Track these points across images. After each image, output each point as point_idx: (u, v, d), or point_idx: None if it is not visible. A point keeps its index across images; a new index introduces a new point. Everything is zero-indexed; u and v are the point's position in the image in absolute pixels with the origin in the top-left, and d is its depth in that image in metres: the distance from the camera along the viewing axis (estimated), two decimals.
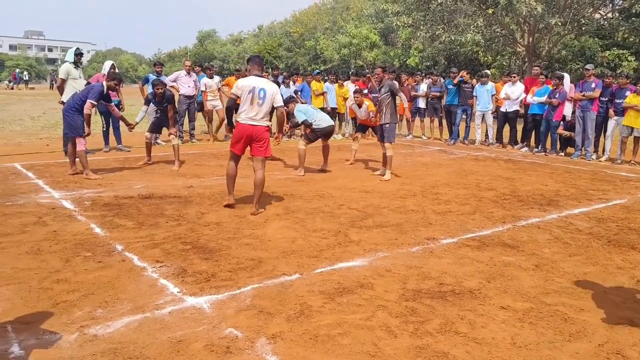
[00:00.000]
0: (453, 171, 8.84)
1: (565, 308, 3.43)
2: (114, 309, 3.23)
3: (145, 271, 3.87)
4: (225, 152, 10.42)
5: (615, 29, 21.51)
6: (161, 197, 6.23)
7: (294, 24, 48.78)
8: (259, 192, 5.78)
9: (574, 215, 5.96)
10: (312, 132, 8.26)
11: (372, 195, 6.74)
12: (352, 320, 3.17)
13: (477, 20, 20.17)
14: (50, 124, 14.84)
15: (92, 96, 7.40)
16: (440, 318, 3.22)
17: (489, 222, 5.56)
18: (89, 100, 7.36)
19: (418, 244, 4.74)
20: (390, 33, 37.76)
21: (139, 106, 12.80)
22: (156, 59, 61.54)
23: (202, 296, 3.44)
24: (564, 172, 9.04)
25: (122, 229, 4.92)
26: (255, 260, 4.18)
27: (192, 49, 67.64)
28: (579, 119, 10.62)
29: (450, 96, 12.96)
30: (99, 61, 74.29)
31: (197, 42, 67.79)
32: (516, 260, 4.34)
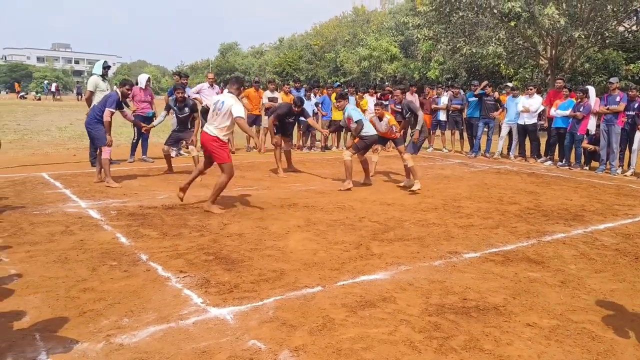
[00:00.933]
0: (475, 184, 8.77)
1: (593, 326, 3.36)
2: (139, 318, 3.27)
3: (170, 281, 3.91)
4: (247, 163, 10.52)
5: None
6: (184, 208, 6.31)
7: (315, 37, 49.16)
8: (212, 192, 6.25)
9: (599, 231, 5.86)
10: (361, 140, 8.17)
11: (393, 208, 6.72)
12: (375, 334, 3.15)
13: (499, 33, 20.10)
14: (77, 134, 15.15)
15: (110, 104, 7.67)
16: (465, 334, 3.18)
17: (513, 237, 5.50)
18: (107, 108, 7.63)
19: (440, 258, 4.70)
20: (410, 45, 37.79)
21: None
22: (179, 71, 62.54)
23: (225, 307, 3.46)
24: (589, 186, 8.91)
25: (147, 239, 4.98)
26: (277, 271, 4.20)
27: (214, 61, 68.55)
28: (604, 133, 10.47)
29: (472, 109, 12.89)
30: (124, 73, 75.87)
31: (219, 54, 68.75)
32: (542, 276, 4.28)
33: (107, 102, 7.71)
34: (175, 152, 11.31)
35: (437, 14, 20.21)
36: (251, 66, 58.93)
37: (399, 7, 43.18)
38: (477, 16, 19.65)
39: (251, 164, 10.49)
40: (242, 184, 8.13)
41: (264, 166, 10.24)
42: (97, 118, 7.73)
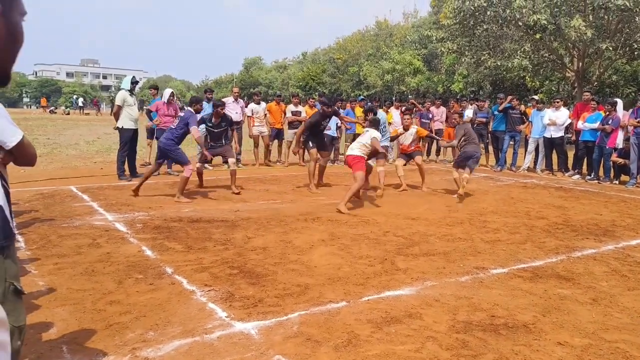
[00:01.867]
0: (501, 199, 8.64)
1: (627, 345, 3.25)
2: (164, 331, 3.28)
3: (194, 294, 3.92)
4: (272, 177, 10.57)
5: None
6: (209, 221, 6.35)
7: (338, 51, 49.41)
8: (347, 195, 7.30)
9: (631, 247, 5.70)
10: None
11: (418, 222, 6.65)
12: (401, 351, 3.10)
13: (524, 46, 19.93)
14: (104, 148, 15.45)
15: (193, 123, 7.82)
16: (494, 352, 3.11)
17: (542, 253, 5.38)
18: (192, 127, 7.77)
19: (467, 274, 4.62)
20: (433, 59, 37.72)
21: None
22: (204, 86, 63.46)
23: (250, 322, 3.45)
24: (619, 201, 8.69)
25: (172, 252, 5.02)
26: (302, 286, 4.18)
27: (238, 76, 69.40)
28: (634, 146, 10.23)
29: (497, 122, 12.76)
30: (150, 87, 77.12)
31: (243, 68, 69.59)
32: (572, 294, 4.17)
33: (190, 123, 7.80)
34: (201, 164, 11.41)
35: (461, 27, 20.14)
36: (275, 80, 59.47)
37: (422, 20, 43.19)
38: (502, 29, 19.53)
39: (275, 178, 10.53)
40: (266, 198, 8.16)
41: (288, 180, 10.27)
42: (175, 140, 7.85)
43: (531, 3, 17.11)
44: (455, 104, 14.36)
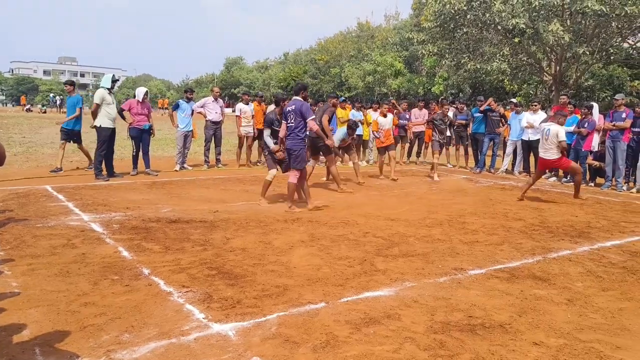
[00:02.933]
0: (479, 200, 8.72)
1: (601, 345, 3.30)
2: (140, 333, 3.23)
3: (172, 296, 3.87)
4: (252, 177, 10.51)
5: None
6: (187, 222, 6.28)
7: (320, 52, 49.43)
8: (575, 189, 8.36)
9: (606, 248, 5.80)
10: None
11: (398, 224, 6.68)
12: (379, 352, 3.10)
13: (503, 49, 20.14)
14: None
15: (310, 115, 7.26)
16: (470, 353, 3.13)
17: (518, 254, 5.44)
18: (309, 119, 7.19)
19: (445, 274, 4.65)
20: (414, 61, 37.95)
21: (167, 131, 13.07)
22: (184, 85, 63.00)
23: (228, 323, 3.42)
24: (594, 202, 8.84)
25: (149, 253, 4.95)
26: (281, 287, 4.16)
27: (219, 75, 68.99)
28: (609, 149, 10.42)
29: (477, 124, 12.89)
30: (129, 87, 76.42)
31: (224, 68, 69.19)
32: (548, 294, 4.22)
33: (303, 113, 7.14)
34: (180, 165, 11.33)
35: (441, 30, 20.28)
36: (256, 80, 59.26)
37: (403, 23, 43.44)
38: (481, 32, 19.72)
39: (255, 178, 10.48)
40: (246, 198, 8.12)
41: None
42: (300, 137, 7.26)
43: (510, 7, 17.30)
44: (437, 106, 14.47)
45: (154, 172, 10.40)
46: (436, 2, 19.08)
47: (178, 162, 11.37)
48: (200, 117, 12.08)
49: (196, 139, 12.30)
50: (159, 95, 69.85)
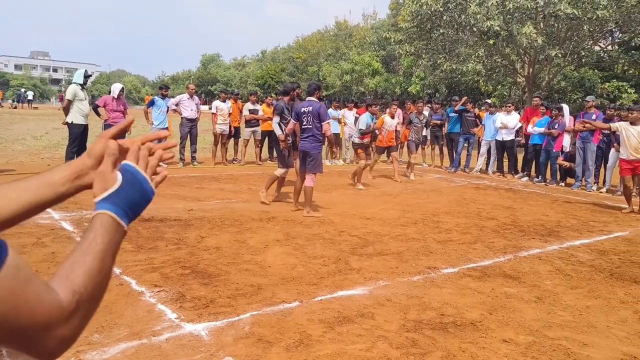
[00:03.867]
0: (454, 199, 8.83)
1: (568, 342, 3.38)
2: (110, 334, 3.19)
3: (143, 296, 3.83)
4: (228, 175, 10.44)
5: (615, 62, 21.77)
6: (161, 220, 6.21)
7: (297, 50, 49.38)
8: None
9: (575, 247, 5.93)
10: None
11: (373, 222, 6.72)
12: (352, 350, 3.12)
13: (478, 51, 20.43)
14: (52, 143, 14.89)
15: (325, 115, 6.98)
16: (442, 350, 3.17)
17: (491, 252, 5.53)
18: (324, 123, 6.91)
19: (419, 273, 4.70)
20: (392, 60, 38.21)
21: (142, 128, 12.90)
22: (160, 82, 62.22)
23: (201, 323, 3.39)
24: (565, 202, 9.04)
25: (121, 252, 4.83)
26: (255, 286, 4.14)
27: (196, 72, 68.36)
28: (580, 150, 10.66)
29: (452, 124, 13.05)
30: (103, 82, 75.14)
31: (200, 65, 68.59)
32: (518, 292, 4.30)
33: (321, 115, 6.88)
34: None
35: (418, 30, 20.48)
36: (233, 78, 58.88)
37: (381, 22, 43.70)
38: (457, 34, 19.97)
39: (231, 176, 10.42)
40: (221, 197, 8.06)
41: (244, 179, 10.18)
42: (319, 140, 7.03)
43: (485, 9, 17.57)
44: (412, 106, 14.58)
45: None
46: (413, 3, 19.26)
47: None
48: (176, 115, 11.95)
49: (171, 137, 12.16)
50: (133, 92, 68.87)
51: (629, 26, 18.73)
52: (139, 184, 0.86)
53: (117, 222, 0.81)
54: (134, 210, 0.85)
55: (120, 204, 0.83)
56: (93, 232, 0.78)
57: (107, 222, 0.80)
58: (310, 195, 7.04)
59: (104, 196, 0.83)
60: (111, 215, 0.81)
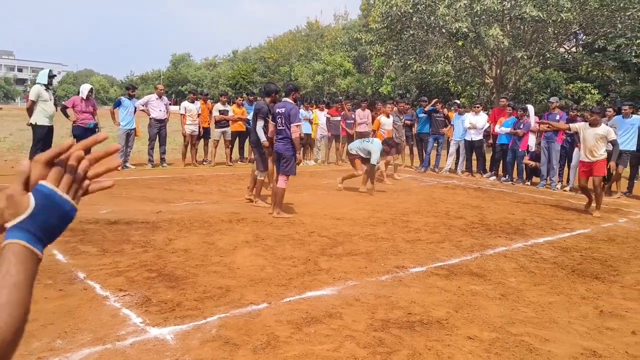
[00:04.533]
0: (423, 199, 8.93)
1: (531, 338, 3.46)
2: (73, 339, 3.12)
3: (108, 300, 3.76)
4: (197, 177, 10.34)
5: (579, 63, 22.39)
6: (128, 223, 6.11)
7: (269, 50, 49.25)
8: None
9: (539, 244, 6.07)
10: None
11: (343, 223, 6.74)
12: (319, 351, 3.13)
13: (447, 52, 20.75)
14: (16, 145, 14.49)
15: (295, 118, 6.87)
16: (408, 349, 3.20)
17: (458, 251, 5.61)
18: (294, 124, 6.81)
19: (387, 273, 4.74)
20: (363, 61, 38.45)
21: (109, 129, 12.65)
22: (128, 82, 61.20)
23: (166, 327, 3.35)
24: (530, 201, 9.24)
25: (85, 256, 4.79)
26: (223, 288, 4.11)
27: (166, 72, 67.47)
28: (544, 150, 10.92)
29: (421, 124, 13.20)
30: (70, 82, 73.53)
31: (170, 65, 67.74)
32: (483, 290, 4.38)
33: (291, 117, 6.80)
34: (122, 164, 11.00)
35: (388, 31, 20.66)
36: (204, 78, 58.33)
37: (352, 23, 43.93)
38: (427, 35, 20.23)
39: (201, 178, 10.32)
40: (190, 198, 7.98)
41: (214, 180, 10.10)
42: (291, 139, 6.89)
43: (454, 11, 17.84)
44: (382, 107, 14.68)
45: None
46: (383, 4, 19.41)
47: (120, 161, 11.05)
48: (145, 115, 11.77)
49: (140, 137, 11.99)
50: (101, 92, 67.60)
51: (592, 28, 19.30)
52: (57, 206, 0.80)
53: (30, 250, 0.76)
54: (50, 234, 0.80)
55: (33, 231, 0.78)
56: (6, 264, 0.74)
57: (19, 251, 0.75)
58: (281, 196, 7.00)
59: (14, 223, 0.77)
60: (23, 245, 0.76)
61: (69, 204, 0.82)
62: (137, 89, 12.86)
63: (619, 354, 3.28)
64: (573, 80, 25.10)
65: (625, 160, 9.94)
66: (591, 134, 7.85)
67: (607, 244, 6.20)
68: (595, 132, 7.81)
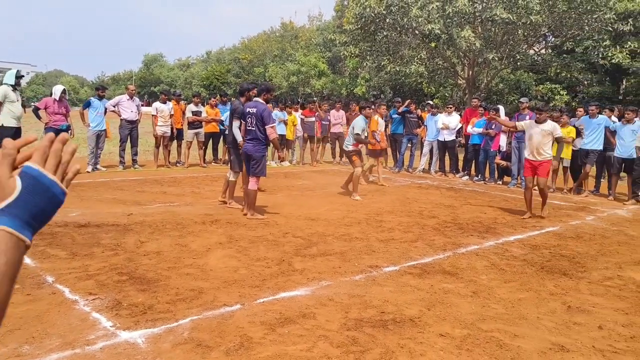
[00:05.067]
0: (397, 199, 9.00)
1: (501, 334, 3.52)
2: (41, 344, 3.06)
3: (77, 304, 3.69)
4: (170, 178, 10.22)
5: (548, 65, 22.86)
6: (98, 226, 6.01)
7: (243, 51, 49.01)
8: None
9: (509, 242, 6.18)
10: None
11: (318, 223, 6.75)
12: (292, 351, 3.13)
13: (420, 53, 20.96)
14: None
15: (268, 119, 6.77)
16: (381, 347, 3.23)
17: (431, 250, 5.68)
18: (269, 126, 6.74)
19: (361, 272, 4.76)
20: (338, 62, 38.54)
21: (79, 130, 12.42)
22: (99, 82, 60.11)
23: (137, 330, 3.30)
24: (502, 200, 9.40)
25: (54, 259, 4.69)
26: (196, 290, 4.08)
27: (138, 73, 66.53)
28: (515, 150, 11.11)
29: (395, 125, 13.30)
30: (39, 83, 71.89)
31: (143, 65, 66.82)
32: (455, 288, 4.44)
33: (265, 119, 6.71)
34: (92, 166, 10.81)
35: (362, 32, 20.75)
36: (177, 79, 57.71)
37: (326, 24, 44.01)
38: (400, 36, 20.39)
39: (174, 179, 10.20)
40: (163, 200, 7.88)
41: (187, 181, 10.00)
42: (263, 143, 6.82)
43: (426, 13, 18.02)
44: (356, 107, 14.76)
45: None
46: (357, 5, 19.51)
47: (90, 162, 10.84)
48: (117, 116, 11.58)
49: (110, 138, 11.79)
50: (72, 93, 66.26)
51: (560, 31, 19.74)
52: (45, 188, 0.76)
53: (17, 237, 0.72)
54: (40, 219, 0.76)
55: (20, 215, 0.73)
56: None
57: (4, 239, 0.71)
58: (253, 197, 6.95)
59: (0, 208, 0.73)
60: (8, 231, 0.71)
61: (57, 186, 0.78)
62: (107, 89, 12.64)
63: (586, 348, 3.37)
64: (543, 82, 25.64)
65: (593, 160, 10.19)
66: (538, 131, 7.74)
67: (574, 241, 6.35)
68: (542, 129, 7.71)
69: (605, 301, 4.29)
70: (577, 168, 10.61)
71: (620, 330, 3.69)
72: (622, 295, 4.46)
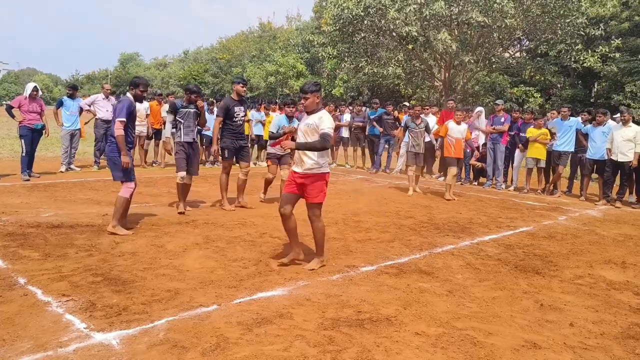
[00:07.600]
0: (374, 199, 9.06)
1: (475, 332, 3.57)
2: (12, 347, 3.00)
3: (50, 306, 3.63)
4: (147, 179, 10.09)
5: (523, 68, 23.27)
6: (72, 226, 5.90)
7: (221, 51, 48.69)
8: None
9: (484, 242, 6.28)
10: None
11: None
12: (269, 351, 3.13)
13: (398, 55, 21.12)
14: None
15: (120, 113, 5.76)
16: (357, 346, 3.25)
17: (407, 250, 5.73)
18: (117, 119, 5.73)
19: (338, 272, 4.78)
20: (316, 63, 38.59)
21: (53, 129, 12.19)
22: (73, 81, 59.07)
23: (112, 332, 3.26)
24: (477, 200, 9.53)
25: (26, 261, 4.60)
26: (172, 291, 4.04)
27: (113, 72, 65.57)
28: (490, 151, 11.29)
29: (373, 126, 13.37)
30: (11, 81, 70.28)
31: (118, 64, 65.88)
32: (431, 287, 4.49)
33: (116, 112, 5.79)
34: (66, 166, 10.62)
35: (340, 33, 20.84)
36: (154, 78, 57.04)
37: (305, 25, 44.02)
38: (378, 38, 20.52)
39: (150, 180, 10.09)
40: (139, 201, 7.78)
41: (164, 182, 9.89)
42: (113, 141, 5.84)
43: (404, 15, 18.17)
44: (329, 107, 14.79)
45: (36, 174, 9.65)
46: (335, 7, 19.57)
47: (64, 162, 10.65)
48: (92, 116, 11.39)
49: (84, 138, 11.59)
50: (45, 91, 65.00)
51: (534, 34, 20.13)
52: None
53: None
54: None
55: None
56: None
57: None
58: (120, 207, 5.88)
59: None
60: None
61: None
62: (79, 88, 12.40)
63: (558, 345, 3.44)
64: (517, 84, 26.10)
65: (565, 161, 10.41)
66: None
67: (547, 241, 6.48)
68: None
69: (576, 299, 4.39)
70: (550, 169, 10.82)
71: (591, 327, 3.78)
72: (592, 293, 4.57)
